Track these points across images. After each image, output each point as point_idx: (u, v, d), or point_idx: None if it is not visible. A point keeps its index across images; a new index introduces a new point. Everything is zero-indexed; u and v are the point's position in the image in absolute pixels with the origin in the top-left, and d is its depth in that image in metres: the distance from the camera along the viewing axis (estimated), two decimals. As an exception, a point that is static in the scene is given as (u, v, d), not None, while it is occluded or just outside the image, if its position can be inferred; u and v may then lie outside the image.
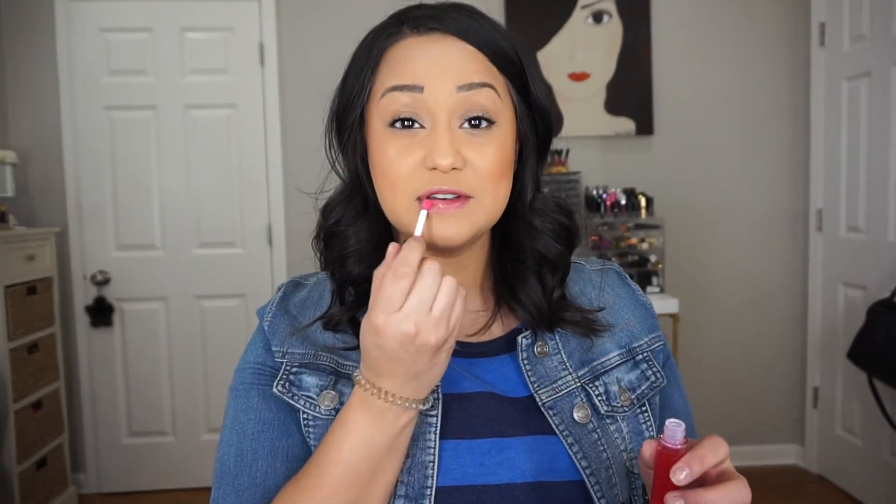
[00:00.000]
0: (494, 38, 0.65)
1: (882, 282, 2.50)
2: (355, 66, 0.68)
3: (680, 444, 0.54)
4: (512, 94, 0.67)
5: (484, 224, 0.65)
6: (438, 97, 0.62)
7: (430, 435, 0.64)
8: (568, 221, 0.72)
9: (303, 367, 0.69)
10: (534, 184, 0.71)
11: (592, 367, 0.71)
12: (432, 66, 0.63)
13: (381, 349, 0.56)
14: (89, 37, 2.84)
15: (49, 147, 2.84)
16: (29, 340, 2.46)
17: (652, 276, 2.71)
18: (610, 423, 0.69)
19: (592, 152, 2.98)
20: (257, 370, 0.70)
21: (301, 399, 0.67)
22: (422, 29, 0.65)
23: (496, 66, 0.65)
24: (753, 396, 3.11)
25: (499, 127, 0.65)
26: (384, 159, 0.64)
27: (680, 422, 0.54)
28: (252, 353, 0.72)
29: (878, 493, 2.59)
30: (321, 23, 2.87)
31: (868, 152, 2.62)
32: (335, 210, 0.72)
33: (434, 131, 0.62)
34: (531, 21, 2.93)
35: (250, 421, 0.68)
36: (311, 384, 0.68)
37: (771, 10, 3.00)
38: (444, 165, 0.61)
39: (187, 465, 2.95)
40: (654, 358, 0.74)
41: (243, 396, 0.70)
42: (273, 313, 0.73)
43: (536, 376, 0.69)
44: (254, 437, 0.67)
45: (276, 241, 2.95)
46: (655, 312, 0.78)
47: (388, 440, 0.58)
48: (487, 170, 0.63)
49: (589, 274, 0.79)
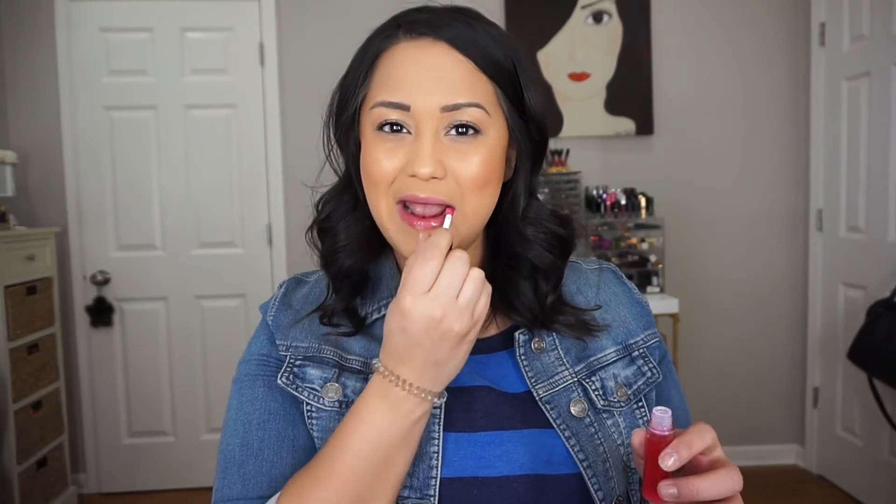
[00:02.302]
0: (487, 47, 0.65)
1: (882, 282, 2.50)
2: (354, 65, 0.69)
3: (668, 431, 0.55)
4: (502, 103, 0.67)
5: (465, 234, 0.66)
6: (424, 114, 0.63)
7: (435, 426, 0.65)
8: (562, 230, 0.73)
9: (307, 359, 0.69)
10: (527, 192, 0.71)
11: (589, 362, 0.72)
12: (420, 82, 0.64)
13: (404, 333, 0.56)
14: (89, 37, 2.84)
15: (49, 147, 2.84)
16: (29, 340, 2.46)
17: (652, 276, 2.71)
18: (607, 417, 0.70)
19: (592, 152, 2.98)
20: (262, 361, 0.71)
21: (305, 391, 0.68)
22: (414, 34, 0.65)
23: (488, 75, 0.65)
24: (753, 396, 3.11)
25: (485, 136, 0.65)
26: (370, 161, 0.65)
27: (666, 409, 0.56)
28: (256, 345, 0.73)
29: (878, 493, 2.59)
30: (321, 23, 2.87)
31: (868, 152, 2.62)
32: (328, 205, 0.74)
33: (418, 140, 0.63)
34: (531, 21, 2.93)
35: (256, 411, 0.69)
36: (314, 376, 0.69)
37: (771, 10, 3.00)
38: (422, 174, 0.62)
39: (187, 465, 2.95)
40: (649, 354, 0.75)
41: (248, 387, 0.70)
42: (276, 308, 0.74)
43: (534, 372, 0.70)
44: (259, 426, 0.68)
45: (275, 241, 2.95)
46: (651, 311, 0.79)
47: (403, 431, 0.58)
48: (469, 178, 0.64)
49: (586, 273, 0.80)
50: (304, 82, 2.88)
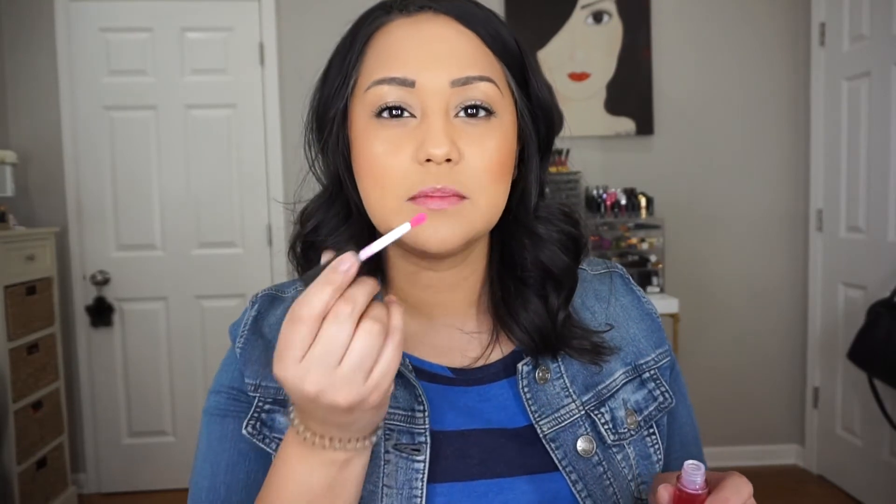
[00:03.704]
0: (493, 23, 0.59)
1: (882, 282, 2.50)
2: (338, 55, 0.62)
3: (700, 489, 0.49)
4: (512, 86, 0.60)
5: (480, 228, 0.59)
6: (431, 91, 0.56)
7: (417, 483, 0.58)
8: (575, 230, 0.66)
9: (276, 403, 0.61)
10: (538, 188, 0.65)
11: (598, 391, 0.65)
12: (424, 54, 0.56)
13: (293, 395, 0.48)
14: (89, 37, 2.84)
15: (49, 147, 2.84)
16: (29, 340, 2.46)
17: (652, 276, 2.71)
18: (616, 451, 0.63)
19: (592, 152, 2.98)
20: (233, 396, 0.64)
21: (273, 443, 0.60)
22: (411, 9, 0.59)
23: (495, 53, 0.59)
24: (753, 396, 3.11)
25: (499, 119, 0.58)
26: (370, 155, 0.57)
27: (699, 464, 0.50)
28: (227, 375, 0.65)
29: (878, 493, 2.59)
30: (321, 23, 2.86)
31: (868, 152, 2.62)
32: (313, 217, 0.65)
33: (426, 120, 0.56)
34: (531, 21, 2.93)
35: (225, 451, 0.63)
36: (284, 425, 0.60)
37: (771, 11, 3.00)
38: (438, 155, 0.54)
39: (187, 465, 2.91)
40: (661, 376, 0.68)
41: (217, 424, 0.64)
42: (246, 337, 0.65)
43: (538, 405, 0.62)
44: (227, 469, 0.62)
45: (276, 241, 2.95)
46: (661, 323, 0.72)
47: (328, 478, 0.51)
48: (486, 165, 0.57)
49: (591, 282, 0.72)
50: (304, 82, 2.87)
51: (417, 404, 0.60)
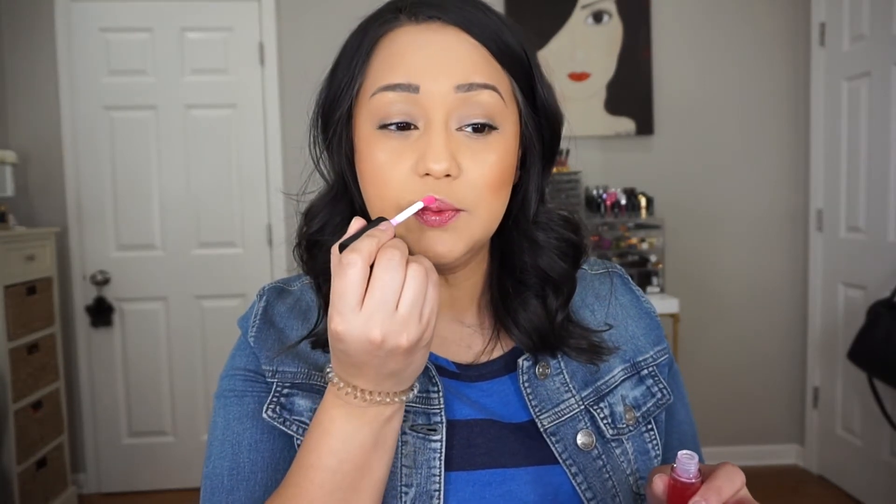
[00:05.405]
0: (501, 33, 0.59)
1: (882, 282, 2.50)
2: (346, 55, 0.62)
3: (694, 478, 0.51)
4: (517, 95, 0.61)
5: (479, 238, 0.60)
6: (435, 97, 0.56)
7: (435, 462, 0.60)
8: (574, 237, 0.67)
9: (294, 387, 0.63)
10: (538, 195, 0.65)
11: (597, 386, 0.66)
12: (429, 62, 0.57)
13: (346, 354, 0.50)
14: (89, 37, 2.84)
15: (49, 147, 2.84)
16: (29, 340, 2.46)
17: (652, 276, 2.71)
18: (615, 446, 0.65)
19: (592, 152, 2.98)
20: (249, 377, 0.65)
21: (294, 425, 0.61)
22: (420, 17, 0.59)
23: (501, 63, 0.59)
24: (753, 396, 3.11)
25: (501, 133, 0.59)
26: (373, 165, 0.58)
27: (693, 454, 0.52)
28: (240, 359, 0.66)
29: (878, 493, 2.59)
30: (321, 23, 2.86)
31: (868, 152, 2.62)
32: (319, 215, 0.66)
33: (428, 132, 0.57)
34: (531, 21, 2.92)
35: (246, 430, 0.62)
36: (304, 408, 0.62)
37: (771, 11, 3.00)
38: (437, 171, 0.55)
39: (187, 465, 2.94)
40: (659, 373, 0.70)
41: (235, 404, 0.64)
42: (258, 326, 0.67)
43: (538, 400, 0.64)
44: (251, 447, 0.62)
45: (276, 241, 2.95)
46: (660, 321, 0.74)
47: (372, 435, 0.53)
48: (485, 181, 0.57)
49: (591, 281, 0.74)
50: (304, 82, 2.87)
51: (432, 385, 0.63)
